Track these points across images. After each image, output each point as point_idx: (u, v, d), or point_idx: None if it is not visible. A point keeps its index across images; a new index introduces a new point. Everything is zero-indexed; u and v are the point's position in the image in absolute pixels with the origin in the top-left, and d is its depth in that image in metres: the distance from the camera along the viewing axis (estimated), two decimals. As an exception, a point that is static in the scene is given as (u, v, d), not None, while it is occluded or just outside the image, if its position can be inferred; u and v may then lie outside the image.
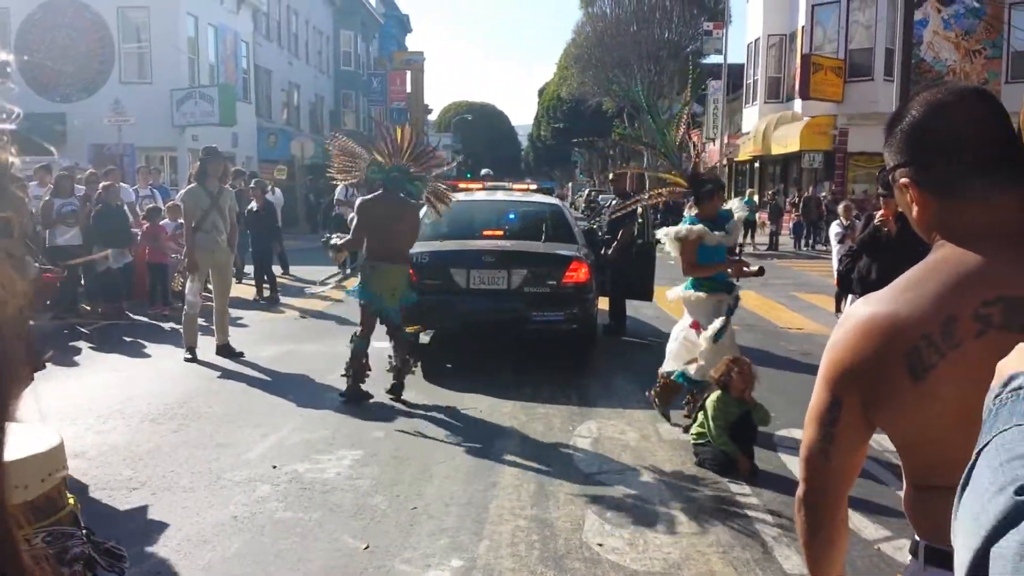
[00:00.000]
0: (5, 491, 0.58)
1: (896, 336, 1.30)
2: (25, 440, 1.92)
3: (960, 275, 1.30)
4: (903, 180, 1.40)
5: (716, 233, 5.94)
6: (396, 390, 6.76)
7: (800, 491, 1.50)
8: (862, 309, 1.37)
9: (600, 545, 4.15)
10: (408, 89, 49.03)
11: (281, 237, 14.79)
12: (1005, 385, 0.82)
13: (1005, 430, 0.75)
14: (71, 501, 2.00)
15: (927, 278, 1.33)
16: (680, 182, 6.08)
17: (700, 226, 5.90)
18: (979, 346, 1.25)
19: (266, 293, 12.82)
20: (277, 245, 14.30)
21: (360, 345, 6.71)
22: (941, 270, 1.33)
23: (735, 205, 6.51)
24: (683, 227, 5.97)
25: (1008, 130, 1.32)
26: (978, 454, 0.76)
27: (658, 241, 6.36)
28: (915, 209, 1.39)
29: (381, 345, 7.19)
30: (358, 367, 6.72)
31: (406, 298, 6.76)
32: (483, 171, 20.71)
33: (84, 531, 1.93)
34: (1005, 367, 0.85)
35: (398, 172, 6.75)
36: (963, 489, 0.76)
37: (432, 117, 73.95)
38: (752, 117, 30.70)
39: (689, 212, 6.12)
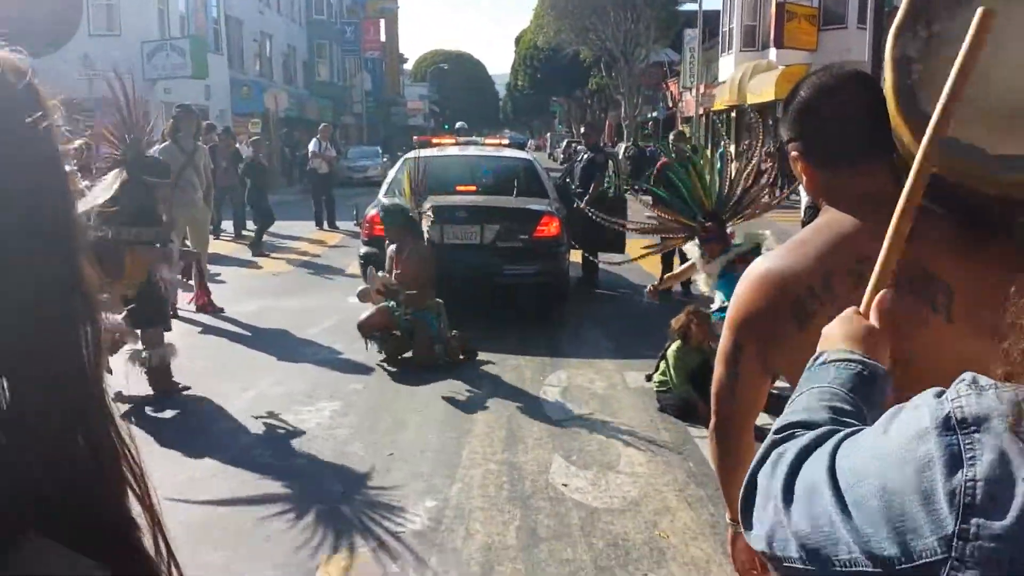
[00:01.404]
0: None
1: (785, 288, 1.51)
2: None
3: (839, 236, 1.51)
4: (794, 153, 1.60)
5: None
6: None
7: (712, 422, 1.73)
8: (759, 265, 1.59)
9: (565, 485, 4.44)
10: (382, 38, 48.48)
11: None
12: (816, 359, 1.08)
13: (800, 394, 0.99)
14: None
15: (812, 238, 1.55)
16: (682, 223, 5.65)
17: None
18: (854, 298, 1.47)
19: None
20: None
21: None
22: (824, 231, 1.54)
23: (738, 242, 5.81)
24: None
25: (882, 108, 1.52)
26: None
27: (628, 189, 6.24)
28: (804, 178, 1.61)
29: (354, 302, 7.34)
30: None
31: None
32: (457, 124, 20.59)
33: None
34: (826, 332, 1.09)
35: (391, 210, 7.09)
36: None
37: (407, 67, 73.08)
38: (728, 66, 30.69)
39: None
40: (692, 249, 5.68)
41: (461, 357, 6.85)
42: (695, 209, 5.57)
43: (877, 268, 1.20)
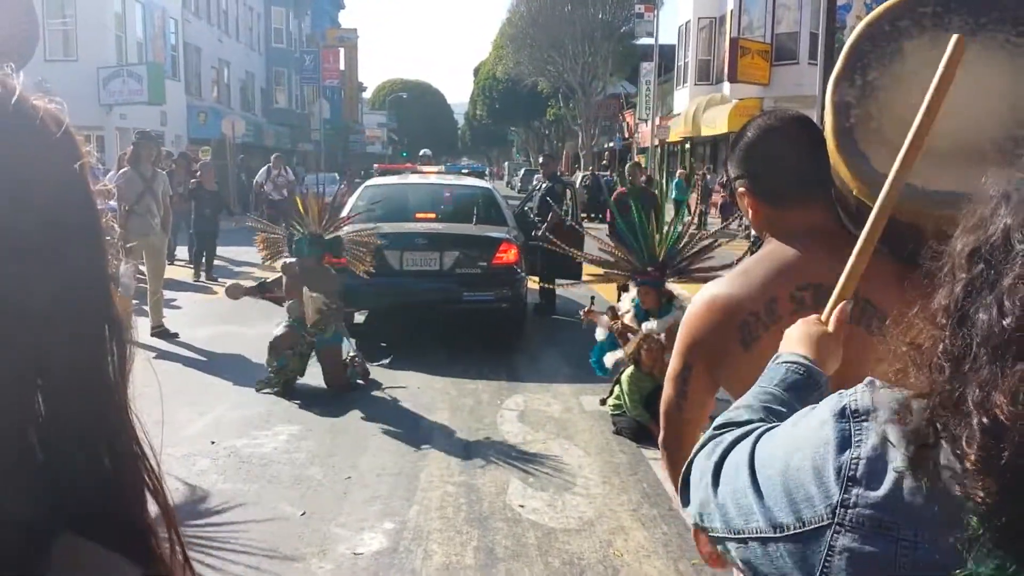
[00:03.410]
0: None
1: (731, 313, 1.62)
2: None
3: (781, 265, 1.63)
4: (740, 189, 1.72)
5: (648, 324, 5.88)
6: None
7: (660, 438, 1.83)
8: (706, 292, 1.70)
9: (522, 506, 4.51)
10: (341, 67, 48.57)
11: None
12: (775, 358, 1.23)
13: (763, 388, 1.16)
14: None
15: (756, 267, 1.66)
16: (628, 261, 5.94)
17: (628, 307, 5.99)
18: (795, 321, 1.59)
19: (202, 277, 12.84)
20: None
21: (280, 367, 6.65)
22: (767, 261, 1.66)
23: (679, 298, 5.92)
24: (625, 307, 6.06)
25: (821, 150, 1.65)
26: None
27: (585, 219, 6.37)
28: (750, 212, 1.72)
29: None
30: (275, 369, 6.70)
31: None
32: (421, 152, 20.70)
33: None
34: (788, 333, 1.23)
35: (304, 240, 6.76)
36: None
37: (366, 95, 73.23)
38: (683, 99, 31.33)
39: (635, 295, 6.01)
40: (625, 302, 5.91)
41: (360, 382, 6.87)
42: (645, 253, 5.82)
43: (840, 282, 1.31)
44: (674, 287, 5.98)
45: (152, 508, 0.67)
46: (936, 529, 0.75)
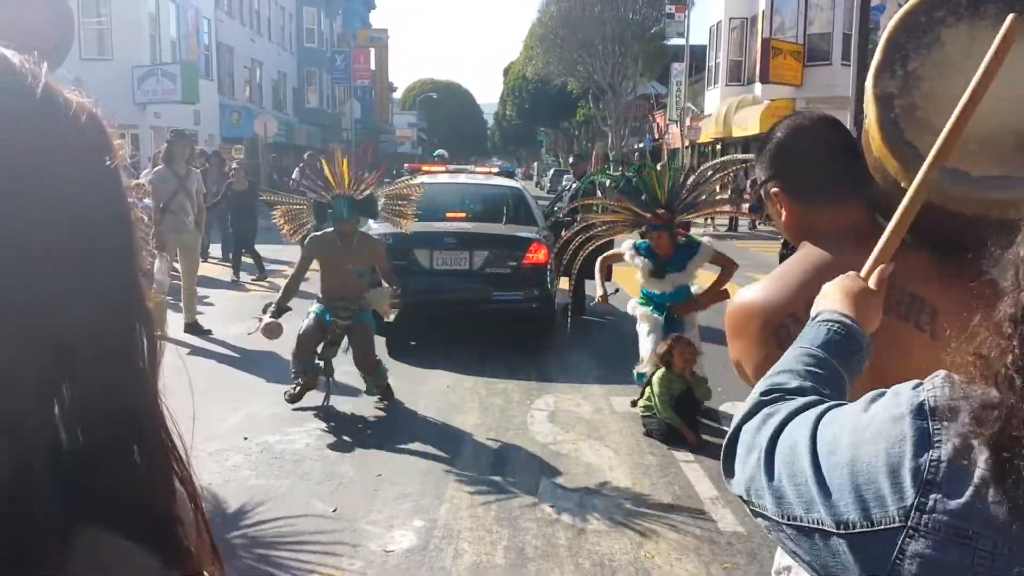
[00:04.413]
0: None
1: (767, 318, 1.60)
2: None
3: (819, 266, 1.61)
4: (773, 191, 1.70)
5: (660, 280, 5.88)
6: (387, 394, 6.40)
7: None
8: (741, 298, 1.68)
9: (552, 507, 4.50)
10: (372, 67, 48.87)
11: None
12: (814, 317, 1.21)
13: (788, 352, 1.14)
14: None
15: (792, 271, 1.64)
16: (634, 211, 5.89)
17: (641, 264, 5.88)
18: None
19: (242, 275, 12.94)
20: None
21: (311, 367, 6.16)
22: (803, 263, 1.64)
23: (706, 239, 6.17)
24: (626, 251, 5.94)
25: (853, 147, 1.63)
26: None
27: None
28: (783, 215, 1.70)
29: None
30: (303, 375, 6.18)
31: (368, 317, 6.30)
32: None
33: None
34: (825, 288, 1.23)
35: (342, 202, 6.16)
36: None
37: (397, 95, 73.57)
38: (714, 99, 31.12)
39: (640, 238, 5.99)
40: (627, 250, 5.92)
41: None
42: (649, 199, 5.87)
43: (880, 243, 1.29)
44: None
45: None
46: (1018, 541, 0.73)
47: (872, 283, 1.23)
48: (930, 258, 1.51)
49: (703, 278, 6.23)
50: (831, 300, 1.22)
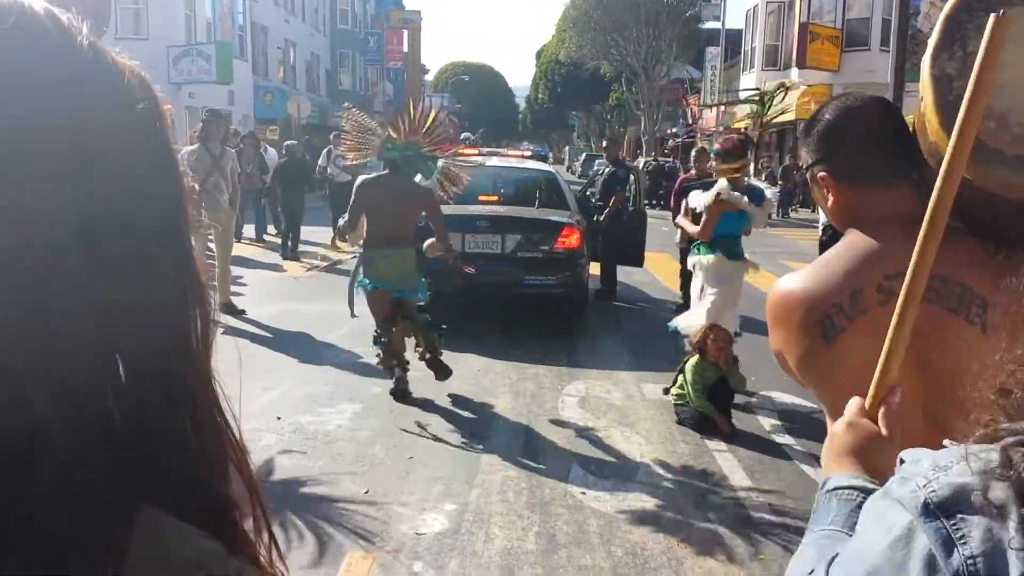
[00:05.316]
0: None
1: (809, 307, 1.55)
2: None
3: (866, 255, 1.56)
4: (821, 174, 1.64)
5: (746, 200, 5.85)
6: (443, 372, 6.20)
7: None
8: (781, 287, 1.63)
9: (583, 493, 4.48)
10: (405, 49, 48.77)
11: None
12: (823, 486, 1.07)
13: (805, 544, 1.01)
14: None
15: (837, 258, 1.59)
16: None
17: (736, 193, 5.84)
18: (883, 313, 1.51)
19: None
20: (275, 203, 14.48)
21: (385, 341, 6.06)
22: (849, 252, 1.58)
23: (765, 187, 6.42)
24: (724, 188, 5.86)
25: (904, 129, 1.57)
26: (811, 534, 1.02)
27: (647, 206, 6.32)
28: (830, 199, 1.64)
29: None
30: (391, 362, 6.09)
31: (419, 287, 6.23)
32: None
33: None
34: (830, 445, 1.13)
35: (412, 151, 6.05)
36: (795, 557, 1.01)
37: (429, 78, 73.51)
38: (749, 84, 30.71)
39: (722, 179, 5.98)
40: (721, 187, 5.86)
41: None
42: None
43: (893, 326, 1.18)
44: None
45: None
46: None
47: (882, 425, 1.11)
48: (976, 246, 1.45)
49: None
50: (835, 458, 1.10)
